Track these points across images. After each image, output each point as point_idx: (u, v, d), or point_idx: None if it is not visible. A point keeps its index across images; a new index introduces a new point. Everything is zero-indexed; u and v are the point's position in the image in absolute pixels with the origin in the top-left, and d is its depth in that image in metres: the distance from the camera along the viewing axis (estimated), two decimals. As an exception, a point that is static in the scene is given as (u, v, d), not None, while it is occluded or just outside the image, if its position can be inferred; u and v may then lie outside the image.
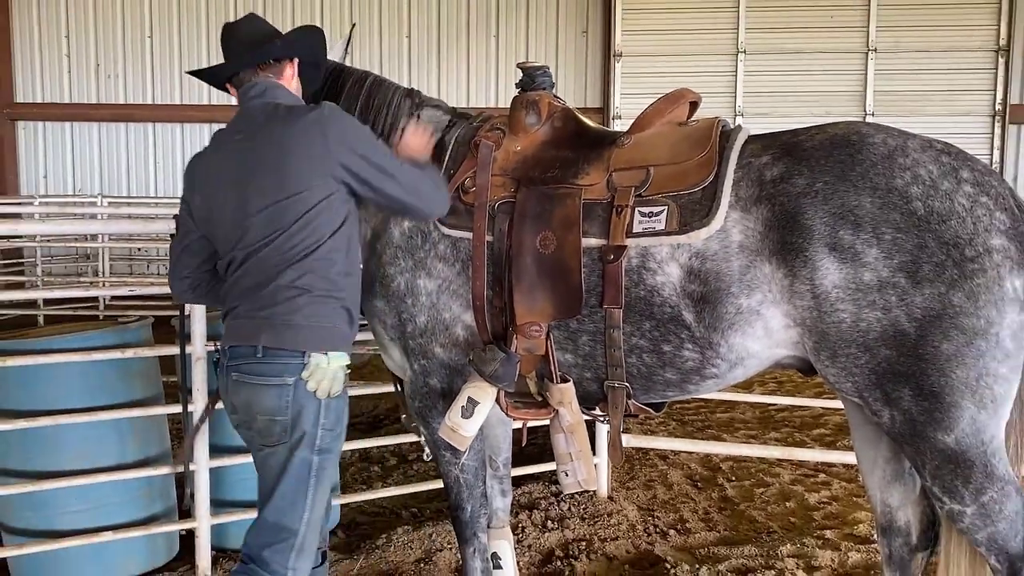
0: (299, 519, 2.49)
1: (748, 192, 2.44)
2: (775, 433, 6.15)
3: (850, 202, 2.30)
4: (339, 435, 2.56)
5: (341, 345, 2.51)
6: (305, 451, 2.48)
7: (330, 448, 2.52)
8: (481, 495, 3.01)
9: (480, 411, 2.61)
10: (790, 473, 5.23)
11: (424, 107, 3.02)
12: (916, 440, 2.34)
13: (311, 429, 2.47)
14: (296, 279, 2.45)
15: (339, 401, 2.52)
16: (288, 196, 2.43)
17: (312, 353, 2.45)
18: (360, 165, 2.47)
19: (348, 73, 3.07)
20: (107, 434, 3.73)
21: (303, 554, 2.51)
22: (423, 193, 2.58)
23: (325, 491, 2.55)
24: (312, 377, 2.45)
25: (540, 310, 2.61)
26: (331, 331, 2.48)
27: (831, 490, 4.92)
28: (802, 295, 2.34)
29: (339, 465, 4.51)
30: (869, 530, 4.26)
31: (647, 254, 2.51)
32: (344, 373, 2.51)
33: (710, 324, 2.46)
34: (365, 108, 2.96)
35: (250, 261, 2.49)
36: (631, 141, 2.69)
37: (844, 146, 2.39)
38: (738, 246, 2.42)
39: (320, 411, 2.48)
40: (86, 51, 13.43)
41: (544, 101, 2.84)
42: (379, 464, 5.48)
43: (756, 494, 4.90)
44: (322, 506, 2.56)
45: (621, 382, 2.63)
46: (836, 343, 2.34)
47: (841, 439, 5.89)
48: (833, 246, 2.29)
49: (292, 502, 2.49)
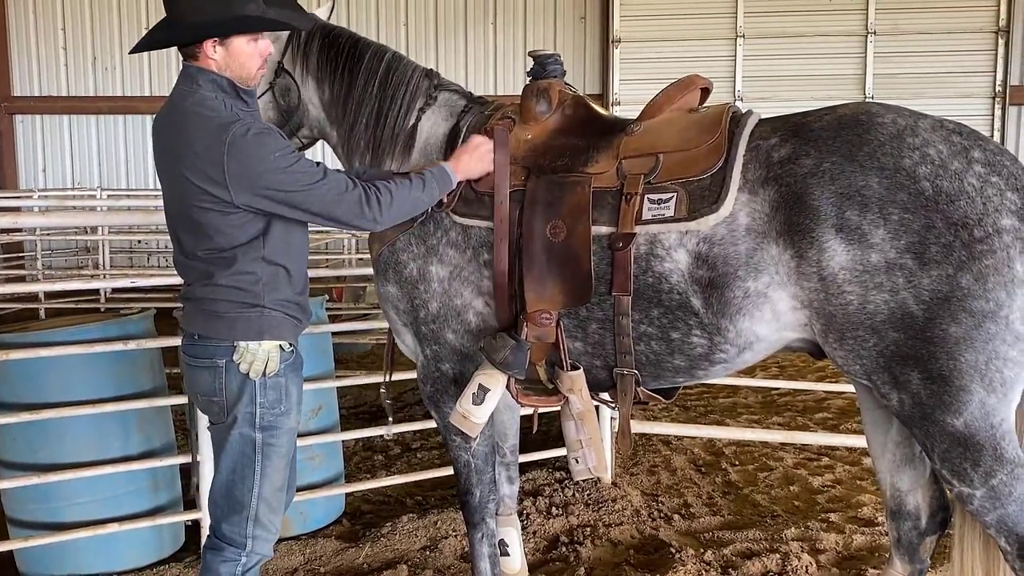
0: (249, 492, 2.56)
1: (755, 174, 2.42)
2: (778, 417, 6.15)
3: (857, 182, 2.28)
4: (286, 411, 2.58)
5: (274, 334, 2.52)
6: (245, 429, 2.53)
7: (275, 425, 2.56)
8: (490, 480, 3.01)
9: (491, 398, 2.61)
10: (793, 457, 5.23)
11: (442, 90, 2.99)
12: (925, 423, 2.32)
13: (248, 408, 2.52)
14: (223, 270, 2.47)
15: (279, 379, 2.56)
16: (195, 204, 2.42)
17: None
18: (264, 204, 2.41)
19: (366, 45, 3.02)
20: (111, 426, 3.73)
21: (259, 524, 2.59)
22: (344, 212, 2.47)
23: (277, 466, 2.59)
24: (243, 360, 2.50)
25: (550, 298, 2.60)
26: (259, 320, 2.50)
27: (835, 473, 4.92)
28: (809, 277, 2.33)
29: (342, 454, 4.54)
30: (873, 513, 4.27)
31: (656, 241, 2.50)
32: (279, 352, 2.54)
33: (718, 310, 2.45)
34: (384, 83, 2.94)
35: (182, 247, 2.54)
36: (641, 128, 2.66)
37: (852, 126, 2.37)
38: (745, 229, 2.41)
39: (256, 390, 2.52)
40: (83, 43, 13.38)
41: (555, 89, 2.82)
42: (383, 453, 5.47)
43: (760, 478, 4.90)
44: (277, 479, 2.60)
45: (630, 369, 2.62)
46: (844, 326, 2.32)
47: (844, 422, 5.90)
48: (840, 227, 2.28)
49: (241, 476, 2.56)
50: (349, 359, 7.94)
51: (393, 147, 2.95)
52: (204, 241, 2.46)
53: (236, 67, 2.48)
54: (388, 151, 2.95)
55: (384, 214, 2.53)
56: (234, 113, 2.42)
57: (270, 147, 2.39)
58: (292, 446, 2.66)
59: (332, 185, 2.46)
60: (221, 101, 2.44)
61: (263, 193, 2.39)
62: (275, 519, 2.64)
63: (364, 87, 2.95)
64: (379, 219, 2.54)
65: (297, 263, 2.59)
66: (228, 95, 2.47)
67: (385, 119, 2.94)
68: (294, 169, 2.41)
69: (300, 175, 2.41)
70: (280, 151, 2.40)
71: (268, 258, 2.49)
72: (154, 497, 3.89)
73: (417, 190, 2.60)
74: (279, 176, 2.39)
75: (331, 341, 4.47)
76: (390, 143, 2.95)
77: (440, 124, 2.94)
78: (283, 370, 2.56)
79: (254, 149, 2.37)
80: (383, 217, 2.54)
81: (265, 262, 2.49)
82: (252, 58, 2.50)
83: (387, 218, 2.55)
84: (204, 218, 2.42)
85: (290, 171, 2.40)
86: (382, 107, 2.94)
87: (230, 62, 2.47)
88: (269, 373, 2.52)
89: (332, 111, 3.02)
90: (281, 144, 2.43)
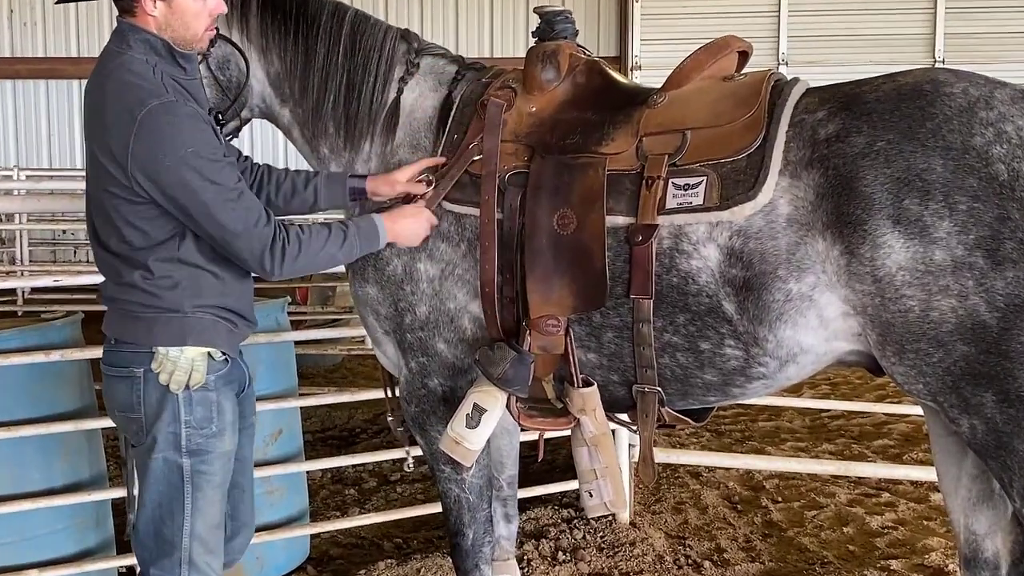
0: (179, 531, 2.55)
1: (799, 154, 2.44)
2: (829, 445, 6.15)
3: (917, 165, 2.30)
4: (219, 432, 2.60)
5: (199, 338, 2.54)
6: (169, 452, 2.54)
7: (205, 448, 2.57)
8: (485, 519, 3.02)
9: (488, 420, 2.62)
10: (848, 492, 5.24)
11: (424, 54, 3.00)
12: (1002, 454, 2.34)
13: (171, 427, 2.53)
14: (136, 269, 2.49)
15: (209, 393, 2.57)
16: (104, 188, 2.46)
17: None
18: (161, 200, 2.43)
19: (319, 2, 2.97)
20: (30, 453, 3.71)
21: (195, 568, 2.58)
22: (243, 247, 2.47)
23: (211, 498, 2.60)
24: (162, 369, 2.51)
25: (558, 301, 2.61)
26: (182, 323, 2.52)
27: (896, 512, 4.93)
28: (862, 278, 2.35)
29: (307, 489, 4.56)
30: (943, 560, 4.28)
31: (681, 234, 2.52)
32: (205, 362, 2.55)
33: (755, 315, 2.47)
34: (351, 50, 2.92)
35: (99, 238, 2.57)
36: (665, 100, 2.68)
37: (914, 97, 2.38)
38: (786, 220, 2.43)
39: (179, 406, 2.53)
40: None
41: (565, 52, 2.82)
42: (355, 487, 5.48)
43: (807, 518, 4.91)
44: (212, 513, 2.62)
45: (652, 386, 2.64)
46: (903, 336, 2.34)
47: (908, 451, 5.91)
48: (897, 218, 2.30)
49: (169, 511, 2.56)
50: (315, 373, 7.95)
51: (371, 127, 2.95)
52: (115, 233, 2.50)
53: (179, 27, 2.49)
54: (365, 132, 2.96)
55: (285, 267, 2.53)
56: (162, 85, 2.43)
57: (188, 139, 2.39)
58: (228, 474, 2.67)
59: (243, 212, 2.46)
60: (152, 66, 2.45)
61: (168, 191, 2.40)
62: (214, 562, 2.64)
63: (326, 56, 2.93)
64: (276, 271, 2.53)
65: (232, 266, 2.60)
66: (163, 59, 2.48)
67: (358, 94, 2.93)
68: (206, 174, 2.41)
69: (210, 185, 2.41)
70: (197, 147, 2.40)
71: (186, 260, 2.51)
72: (81, 539, 3.88)
73: (333, 246, 2.61)
74: (184, 175, 2.39)
75: (294, 352, 4.49)
76: (367, 123, 2.95)
77: (428, 96, 2.95)
78: (213, 383, 2.58)
79: (167, 134, 2.38)
80: (282, 270, 2.53)
81: (183, 264, 2.51)
82: (198, 17, 2.50)
83: (285, 271, 2.56)
84: (112, 205, 2.46)
85: (200, 174, 2.40)
86: (352, 80, 2.93)
87: (172, 20, 2.48)
88: (194, 385, 2.54)
89: (283, 87, 2.99)
90: (202, 140, 2.43)
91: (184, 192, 2.40)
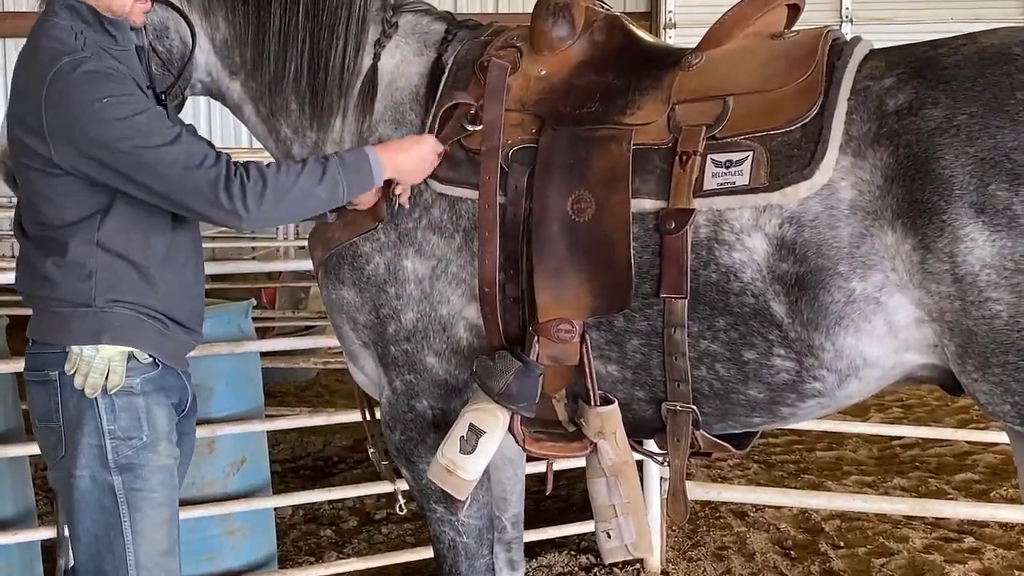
0: (123, 563, 2.60)
1: (863, 128, 2.45)
2: (901, 479, 6.16)
3: (1006, 143, 2.30)
4: (151, 443, 2.64)
5: (117, 336, 2.60)
6: (96, 470, 2.60)
7: (137, 462, 2.62)
8: (486, 568, 3.03)
9: (486, 444, 2.62)
10: (923, 536, 5.24)
11: (402, 12, 3.01)
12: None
13: (93, 439, 2.59)
14: (51, 255, 2.57)
15: (135, 398, 2.62)
16: (20, 161, 2.58)
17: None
18: (90, 167, 2.50)
19: None
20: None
21: None
22: (191, 194, 2.53)
23: (155, 519, 2.64)
24: (76, 370, 2.58)
25: (572, 302, 2.62)
26: (97, 318, 2.58)
27: (982, 560, 4.93)
28: (939, 277, 2.36)
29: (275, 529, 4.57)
30: (1037, 617, 4.29)
31: (722, 220, 2.52)
32: (124, 363, 2.60)
33: (810, 320, 2.47)
34: (312, 10, 2.92)
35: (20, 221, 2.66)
36: (702, 61, 2.69)
37: (1001, 62, 2.39)
38: (848, 206, 2.43)
39: (101, 413, 2.59)
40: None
41: (580, 5, 2.83)
42: (332, 526, 5.50)
43: (874, 566, 4.92)
44: (158, 538, 2.65)
45: (686, 404, 2.65)
46: (988, 347, 2.35)
47: (995, 487, 5.91)
48: (981, 207, 2.30)
49: (107, 542, 2.61)
50: (285, 391, 7.97)
51: (342, 101, 2.95)
52: (32, 212, 2.61)
53: None
54: (336, 108, 2.96)
55: (250, 205, 2.54)
56: (80, 47, 2.51)
57: (100, 90, 2.47)
58: (173, 492, 2.71)
59: (180, 154, 2.50)
60: (75, 33, 2.54)
61: (87, 152, 2.47)
62: None
63: (284, 16, 2.93)
64: (241, 211, 2.54)
65: (165, 262, 2.65)
66: (90, 27, 2.57)
67: (325, 62, 2.93)
68: (129, 123, 2.47)
69: (135, 132, 2.47)
70: (112, 97, 2.47)
71: (105, 245, 2.58)
72: (3, 588, 3.92)
73: (309, 180, 2.60)
74: (104, 129, 2.46)
75: (259, 365, 4.51)
76: (337, 96, 2.95)
77: (411, 61, 2.96)
78: (139, 386, 2.63)
79: (79, 90, 2.46)
80: (247, 210, 2.54)
81: (101, 250, 2.58)
82: None
83: (258, 214, 2.57)
84: (28, 179, 2.57)
85: (122, 124, 2.47)
86: (317, 45, 2.93)
87: None
88: (112, 388, 2.58)
89: (233, 56, 3.01)
90: (118, 90, 2.50)
91: (106, 148, 2.46)
